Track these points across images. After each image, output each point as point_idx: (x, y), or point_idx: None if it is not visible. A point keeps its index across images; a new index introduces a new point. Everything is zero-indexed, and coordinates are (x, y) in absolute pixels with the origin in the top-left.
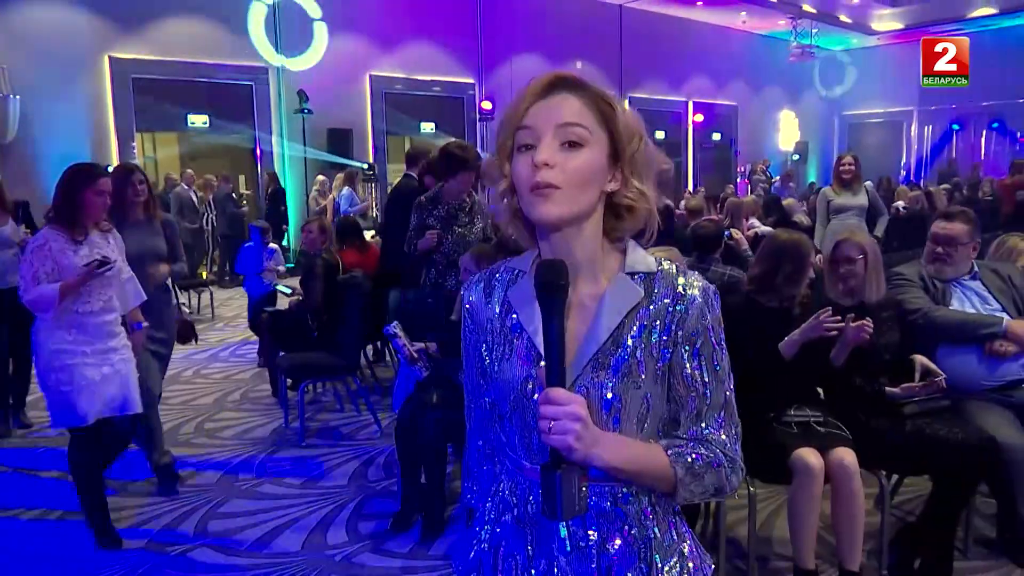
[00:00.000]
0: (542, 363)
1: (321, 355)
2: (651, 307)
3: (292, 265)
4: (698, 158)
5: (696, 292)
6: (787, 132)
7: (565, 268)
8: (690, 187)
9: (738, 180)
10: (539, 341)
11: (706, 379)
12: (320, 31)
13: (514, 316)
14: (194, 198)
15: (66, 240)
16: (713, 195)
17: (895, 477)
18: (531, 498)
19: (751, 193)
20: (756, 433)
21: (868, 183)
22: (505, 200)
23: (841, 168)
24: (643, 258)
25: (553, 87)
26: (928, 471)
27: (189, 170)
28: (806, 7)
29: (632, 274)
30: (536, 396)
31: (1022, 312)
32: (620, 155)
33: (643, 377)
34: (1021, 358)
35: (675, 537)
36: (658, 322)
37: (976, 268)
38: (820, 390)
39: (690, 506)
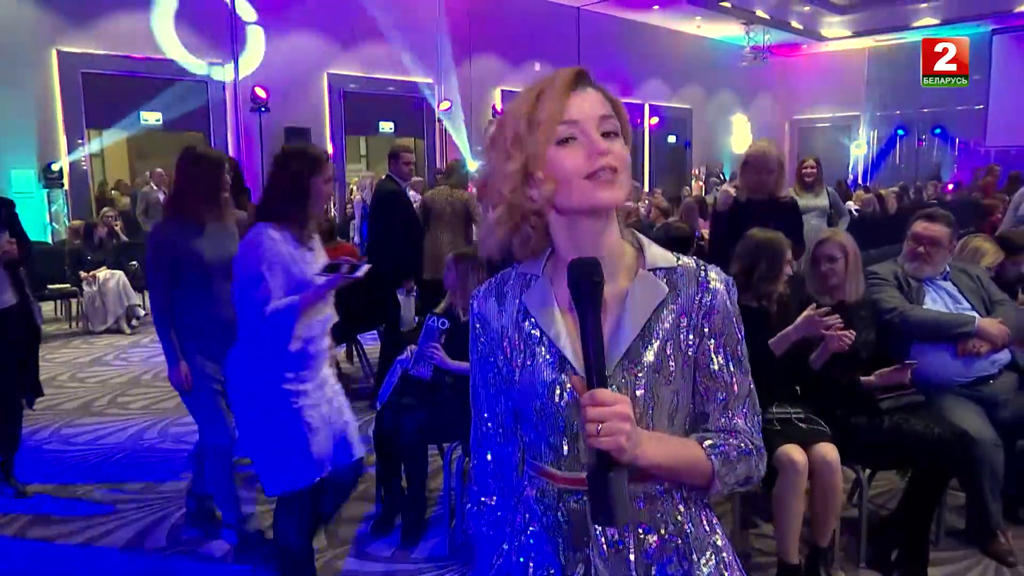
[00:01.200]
0: (570, 371)
1: None
2: (677, 302)
3: None
4: (654, 160)
5: (720, 285)
6: (740, 135)
7: (599, 265)
8: (646, 188)
9: (693, 183)
10: (564, 345)
11: (732, 371)
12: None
13: (533, 321)
14: (162, 199)
15: (295, 242)
16: (671, 196)
17: (867, 471)
18: (560, 505)
19: (706, 195)
20: None
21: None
22: (537, 204)
23: (803, 171)
24: (662, 254)
25: (578, 82)
26: (905, 465)
27: (159, 168)
28: (759, 13)
29: (653, 270)
30: (563, 402)
31: (990, 311)
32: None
33: (673, 372)
34: (991, 355)
35: (707, 529)
36: (685, 317)
37: (947, 268)
38: (797, 387)
39: None
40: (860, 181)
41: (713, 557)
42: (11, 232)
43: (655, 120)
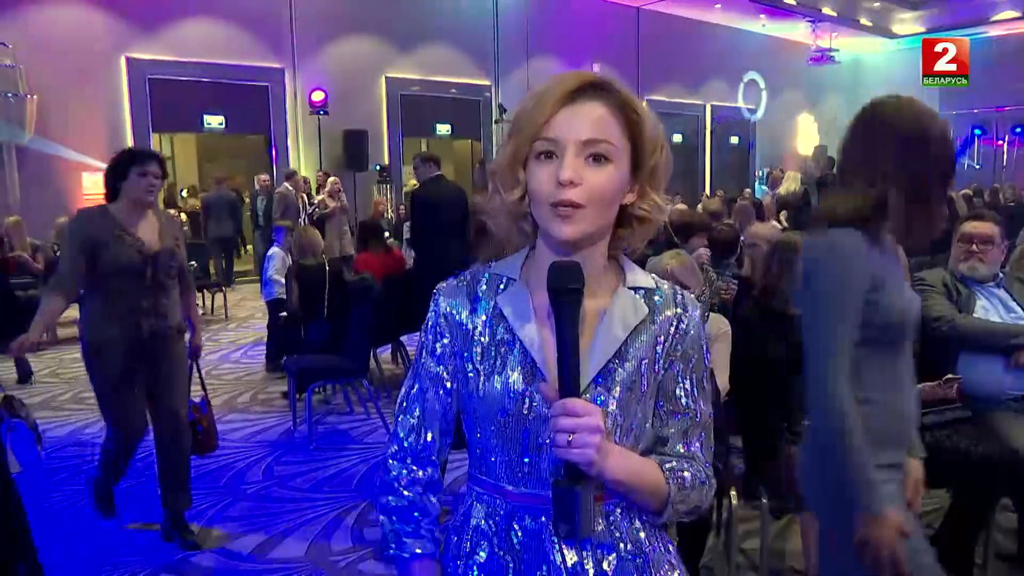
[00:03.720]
0: (543, 379)
1: (330, 357)
2: (655, 323)
3: None
4: (715, 162)
5: (695, 312)
6: (806, 136)
7: (580, 271)
8: (707, 191)
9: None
10: (537, 353)
11: (696, 398)
12: None
13: (507, 326)
14: (300, 200)
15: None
16: (731, 199)
17: None
18: (515, 525)
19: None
20: (768, 444)
21: None
22: (517, 205)
23: None
24: (642, 275)
25: (580, 92)
26: (947, 485)
27: (295, 168)
28: (826, 10)
29: (633, 290)
30: (531, 415)
31: None
32: (641, 167)
33: (644, 393)
34: None
35: (663, 549)
36: (662, 338)
37: (1001, 275)
38: None
39: (703, 520)
40: None
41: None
42: None
43: (716, 123)
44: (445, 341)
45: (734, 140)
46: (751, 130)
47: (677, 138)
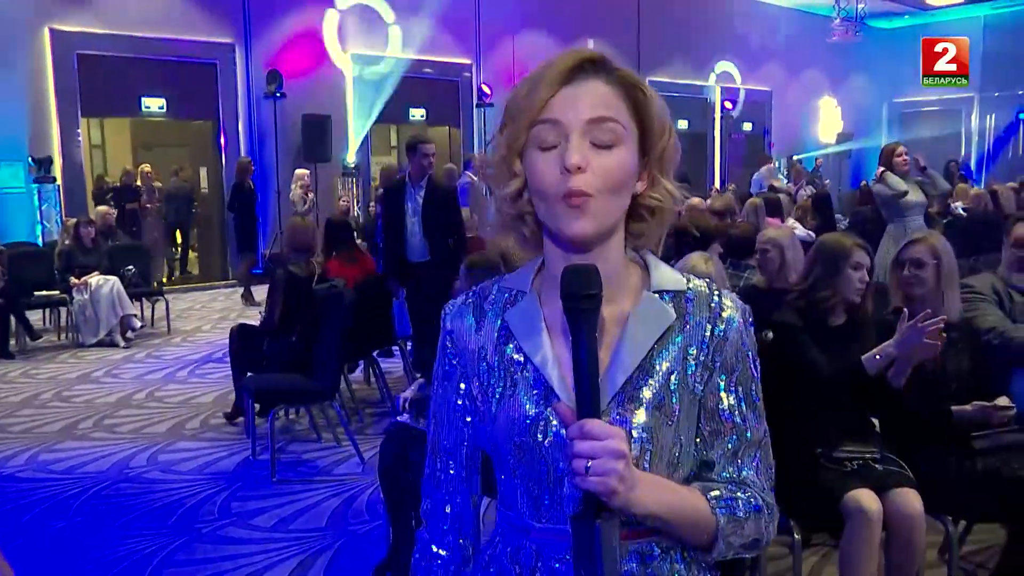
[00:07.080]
0: (558, 400)
1: (295, 377)
2: (685, 331)
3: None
4: (726, 151)
5: (735, 314)
6: (828, 121)
7: (598, 275)
8: (717, 184)
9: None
10: (550, 374)
11: (745, 414)
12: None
13: (516, 344)
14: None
15: None
16: (745, 193)
17: (962, 523)
18: (539, 565)
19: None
20: (801, 471)
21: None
22: (512, 204)
23: (898, 159)
24: (670, 275)
25: (579, 70)
26: (1002, 517)
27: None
28: None
29: (659, 293)
30: (546, 442)
31: None
32: (649, 151)
33: (677, 412)
34: None
35: None
36: (693, 348)
37: None
38: (876, 421)
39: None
40: (972, 175)
41: None
42: None
43: (728, 104)
44: (453, 363)
45: (747, 126)
46: (767, 115)
47: (683, 124)
